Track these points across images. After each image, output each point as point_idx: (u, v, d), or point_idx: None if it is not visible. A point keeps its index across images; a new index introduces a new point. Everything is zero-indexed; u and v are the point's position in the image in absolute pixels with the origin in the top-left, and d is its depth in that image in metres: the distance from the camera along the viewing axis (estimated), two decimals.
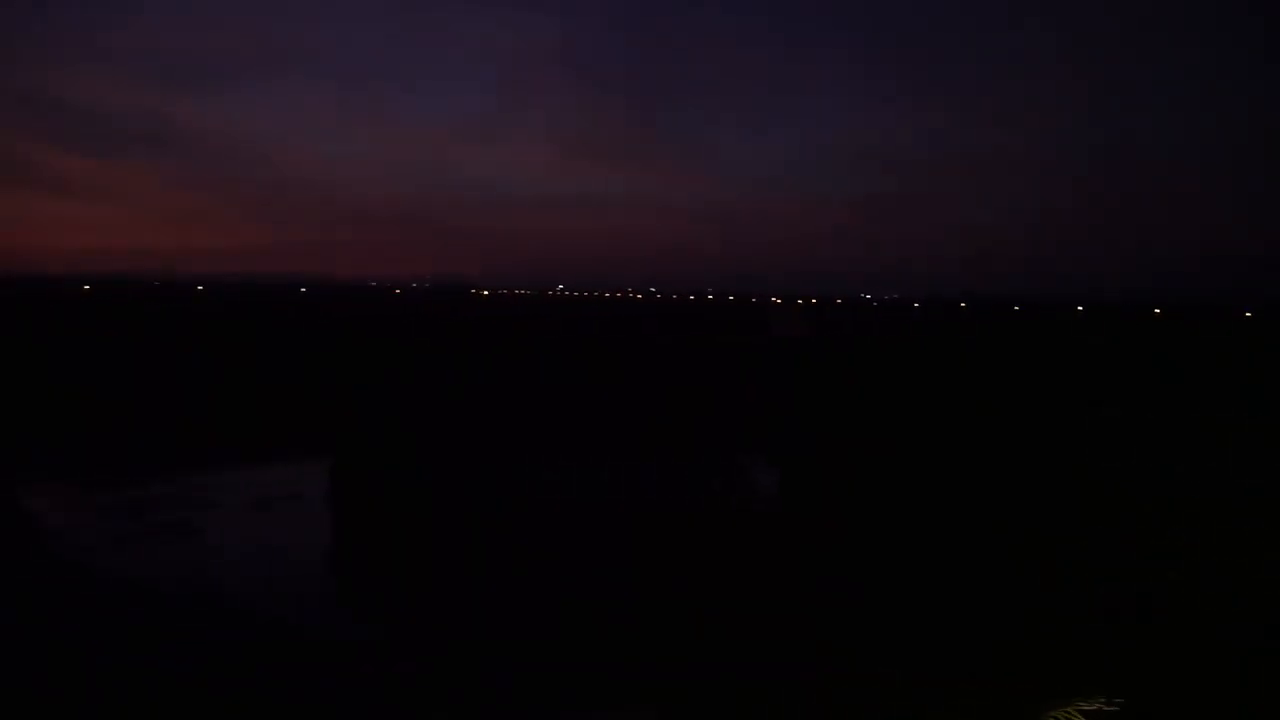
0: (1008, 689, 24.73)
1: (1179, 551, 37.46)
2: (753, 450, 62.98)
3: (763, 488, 52.72)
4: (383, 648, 30.49)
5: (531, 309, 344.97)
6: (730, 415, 75.14)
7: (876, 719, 23.90)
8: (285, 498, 53.22)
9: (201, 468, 61.25)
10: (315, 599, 36.43)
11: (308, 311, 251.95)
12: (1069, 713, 21.86)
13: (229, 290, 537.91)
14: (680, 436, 62.05)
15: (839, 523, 45.19)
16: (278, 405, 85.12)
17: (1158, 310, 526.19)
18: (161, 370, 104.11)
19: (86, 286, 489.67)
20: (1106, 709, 21.79)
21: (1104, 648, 27.87)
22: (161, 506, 50.62)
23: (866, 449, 58.45)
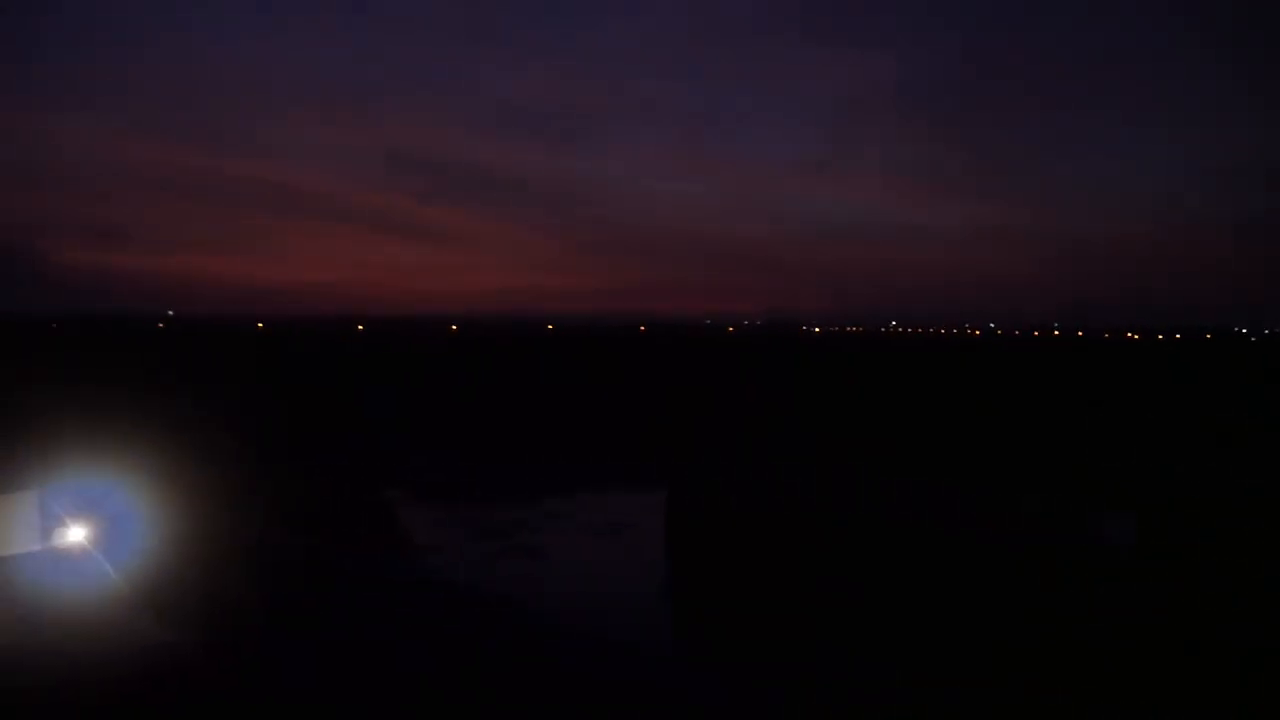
0: None
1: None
2: (1102, 495, 58.09)
3: (1117, 532, 48.81)
4: (704, 669, 30.99)
5: (862, 346, 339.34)
6: (1079, 458, 69.68)
7: None
8: (626, 525, 55.94)
9: (552, 493, 65.77)
10: (646, 619, 37.91)
11: (645, 348, 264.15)
12: None
13: (576, 328, 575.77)
14: (1038, 475, 58.47)
15: (1196, 573, 40.44)
16: (619, 435, 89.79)
17: None
18: (518, 400, 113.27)
19: (454, 326, 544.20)
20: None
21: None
22: (515, 529, 54.84)
23: (1226, 499, 51.99)
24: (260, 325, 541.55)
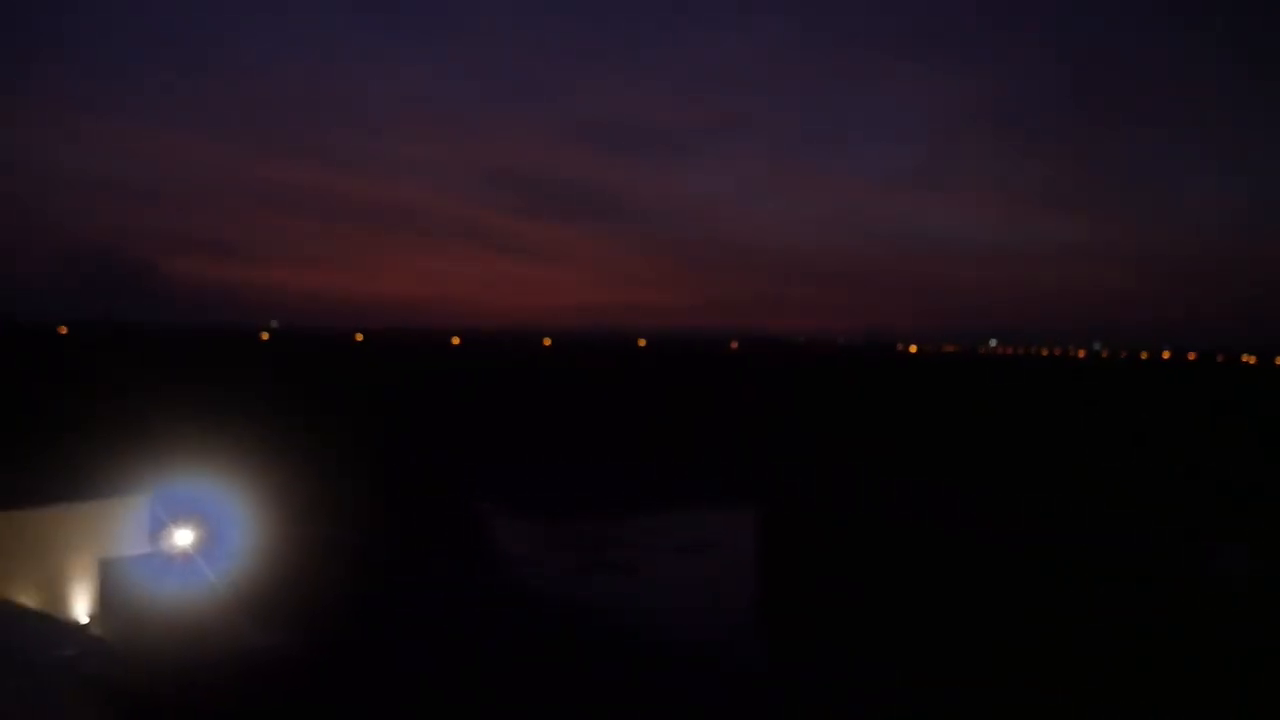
0: None
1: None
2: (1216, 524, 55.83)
3: (1230, 563, 46.90)
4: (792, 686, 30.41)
5: (958, 367, 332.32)
6: (1194, 488, 67.01)
7: None
8: (717, 543, 55.57)
9: (640, 509, 65.74)
10: (738, 637, 37.53)
11: (738, 365, 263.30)
12: None
13: (667, 344, 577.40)
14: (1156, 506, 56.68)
15: None
16: (709, 452, 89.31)
17: None
18: (606, 415, 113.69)
19: (547, 341, 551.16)
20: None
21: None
22: (605, 544, 54.92)
23: None
24: (359, 337, 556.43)
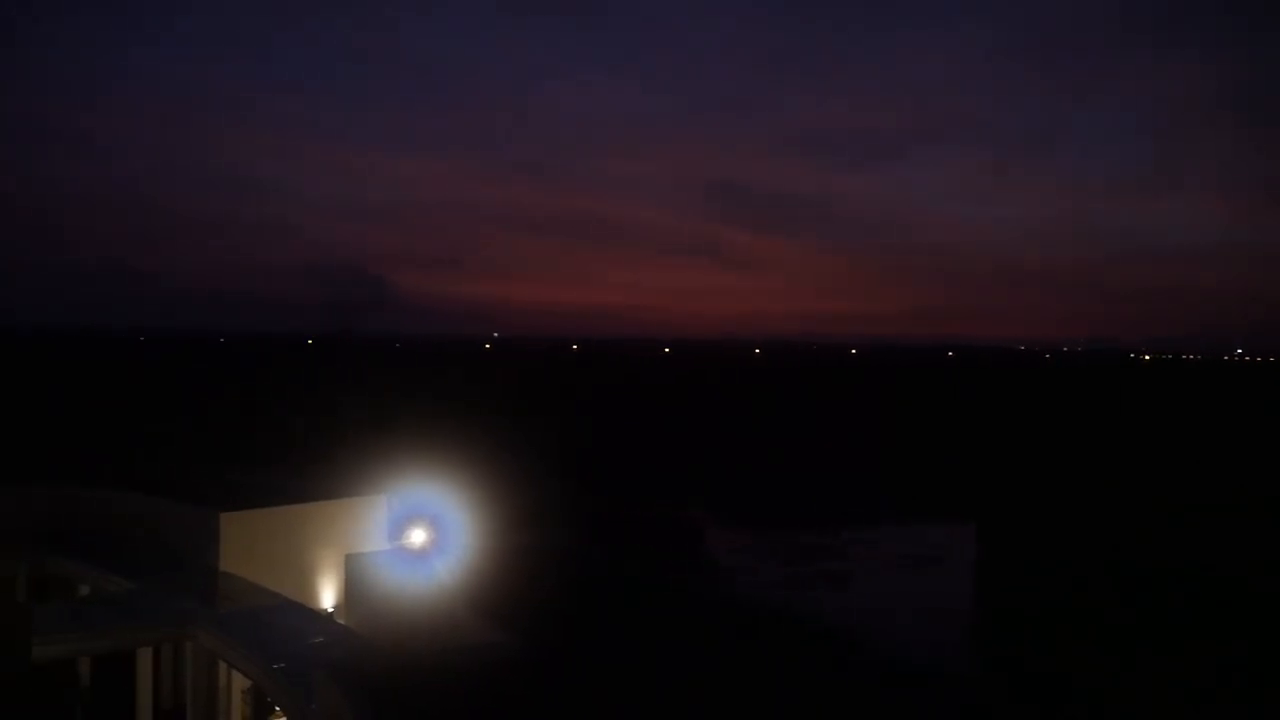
0: None
1: None
2: None
3: None
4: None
5: (1201, 375, 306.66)
6: None
7: None
8: (932, 558, 53.74)
9: (853, 521, 64.43)
10: (955, 652, 36.12)
11: (952, 374, 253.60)
12: None
13: (879, 352, 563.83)
14: None
15: None
16: (922, 464, 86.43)
17: None
18: (818, 425, 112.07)
19: (757, 350, 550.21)
20: None
21: None
22: (818, 555, 54.21)
23: None
24: (575, 347, 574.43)
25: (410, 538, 23.10)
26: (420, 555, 23.09)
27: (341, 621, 25.12)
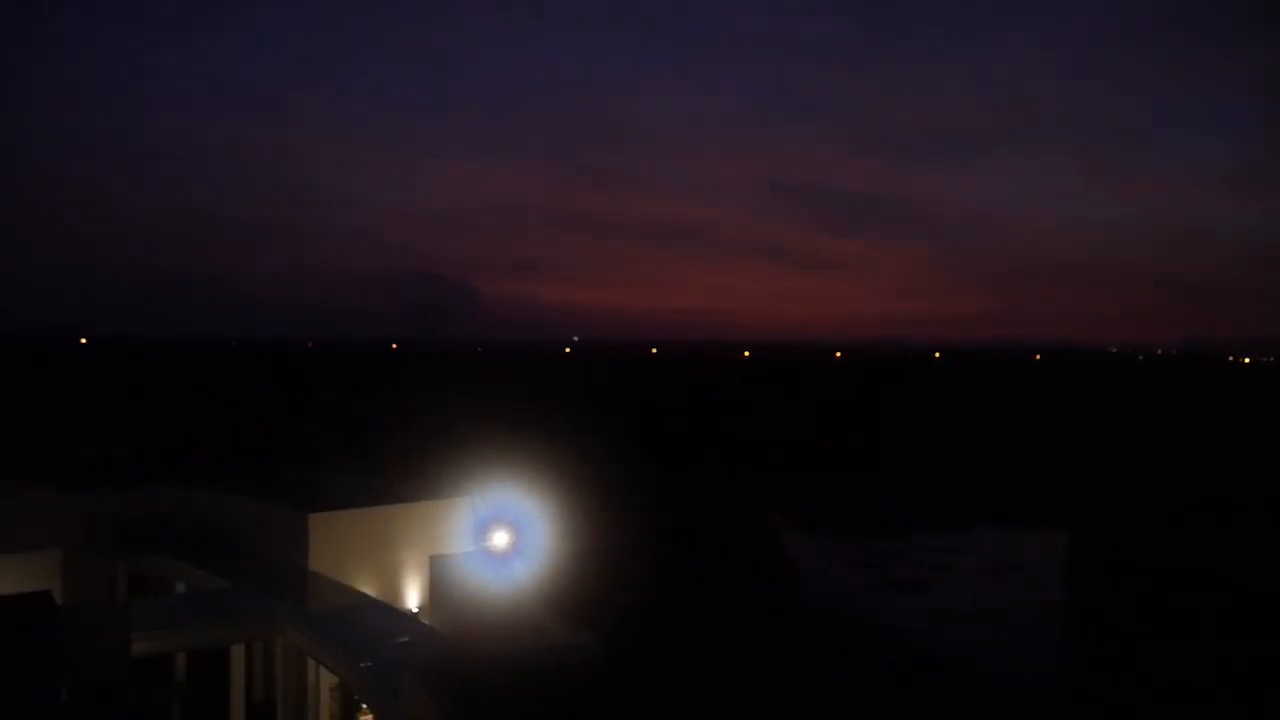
0: None
1: None
2: None
3: None
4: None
5: None
6: None
7: None
8: (1014, 565, 52.68)
9: (935, 528, 63.29)
10: (1033, 664, 35.24)
11: (1041, 378, 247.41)
12: None
13: (964, 356, 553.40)
14: None
15: None
16: (1011, 470, 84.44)
17: None
18: (898, 429, 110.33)
19: (838, 354, 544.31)
20: None
21: None
22: (895, 561, 53.45)
23: None
24: (654, 350, 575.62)
25: (493, 540, 23.27)
26: (503, 557, 23.25)
27: (426, 622, 25.47)
